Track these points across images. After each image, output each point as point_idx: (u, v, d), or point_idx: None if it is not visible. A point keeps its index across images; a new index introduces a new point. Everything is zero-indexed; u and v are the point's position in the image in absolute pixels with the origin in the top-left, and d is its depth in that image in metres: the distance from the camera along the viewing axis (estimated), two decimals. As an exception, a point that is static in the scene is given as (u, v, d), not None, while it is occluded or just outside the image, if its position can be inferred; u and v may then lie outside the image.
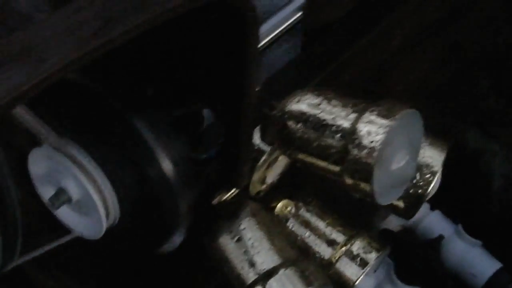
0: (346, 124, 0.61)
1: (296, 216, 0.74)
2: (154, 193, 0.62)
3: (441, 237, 1.30)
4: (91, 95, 0.61)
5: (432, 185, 0.72)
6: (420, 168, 0.72)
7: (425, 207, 1.42)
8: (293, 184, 0.76)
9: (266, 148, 0.69)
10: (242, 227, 0.66)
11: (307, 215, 0.74)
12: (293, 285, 0.62)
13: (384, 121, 0.59)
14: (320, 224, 0.74)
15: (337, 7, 0.82)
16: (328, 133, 0.61)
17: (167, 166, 0.62)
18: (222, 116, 0.65)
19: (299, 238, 0.73)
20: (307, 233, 0.73)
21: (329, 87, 0.66)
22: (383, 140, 0.58)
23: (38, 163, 0.62)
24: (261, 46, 0.80)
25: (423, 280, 1.20)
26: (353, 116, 0.61)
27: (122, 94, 0.62)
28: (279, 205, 0.75)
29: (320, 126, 0.62)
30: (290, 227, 0.74)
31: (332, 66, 0.80)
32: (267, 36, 0.79)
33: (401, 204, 0.74)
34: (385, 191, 0.63)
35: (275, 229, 0.68)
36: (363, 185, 0.60)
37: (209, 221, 0.67)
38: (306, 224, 0.74)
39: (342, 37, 0.82)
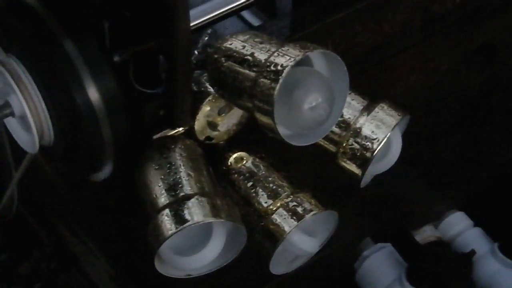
0: (262, 57, 0.61)
1: (245, 167, 0.74)
2: (81, 118, 0.64)
3: (472, 252, 1.24)
4: (33, 14, 0.65)
5: (377, 147, 0.70)
6: (368, 130, 0.71)
7: (467, 223, 1.36)
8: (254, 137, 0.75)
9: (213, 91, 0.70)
10: (168, 158, 0.67)
11: (254, 168, 0.74)
12: (203, 213, 0.62)
13: (296, 52, 0.59)
14: (266, 178, 0.73)
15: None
16: (246, 66, 0.62)
17: (93, 93, 0.64)
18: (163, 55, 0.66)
19: (243, 187, 0.73)
20: (251, 184, 0.73)
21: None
22: (289, 70, 0.58)
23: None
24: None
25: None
26: (272, 50, 0.61)
27: (62, 18, 0.65)
28: (233, 156, 0.75)
29: (241, 60, 0.62)
30: (235, 177, 0.74)
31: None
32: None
33: (348, 165, 0.72)
34: (297, 131, 0.62)
35: (203, 167, 0.68)
36: (266, 119, 0.59)
37: (142, 153, 0.69)
38: (251, 175, 0.74)
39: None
